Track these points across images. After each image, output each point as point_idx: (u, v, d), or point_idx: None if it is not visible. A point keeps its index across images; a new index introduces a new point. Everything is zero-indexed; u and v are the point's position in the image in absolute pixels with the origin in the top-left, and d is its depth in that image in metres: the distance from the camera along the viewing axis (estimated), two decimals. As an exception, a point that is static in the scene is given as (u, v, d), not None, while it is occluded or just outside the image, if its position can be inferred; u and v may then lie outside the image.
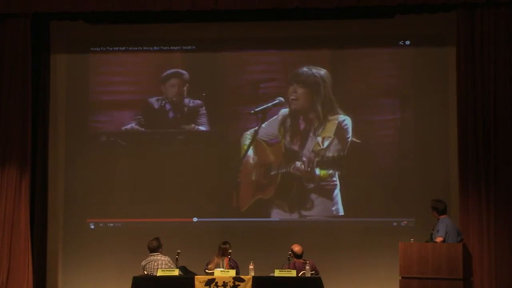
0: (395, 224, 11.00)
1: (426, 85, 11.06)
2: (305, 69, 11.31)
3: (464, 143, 10.26)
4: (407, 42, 11.17)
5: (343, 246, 10.96)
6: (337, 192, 11.11)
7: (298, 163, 11.20)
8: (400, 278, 9.17)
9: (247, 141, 11.29)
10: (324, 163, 11.14)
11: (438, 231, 9.26)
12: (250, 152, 11.28)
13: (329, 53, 11.31)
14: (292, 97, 11.31)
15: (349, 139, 11.15)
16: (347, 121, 11.18)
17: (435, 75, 11.05)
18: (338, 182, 11.12)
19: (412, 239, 9.31)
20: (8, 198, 10.67)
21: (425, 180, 10.94)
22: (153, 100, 11.39)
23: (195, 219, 11.19)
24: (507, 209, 10.08)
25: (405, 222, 10.97)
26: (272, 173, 11.24)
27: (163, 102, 11.38)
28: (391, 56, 11.20)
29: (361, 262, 10.89)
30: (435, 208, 9.43)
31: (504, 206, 10.09)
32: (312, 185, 11.15)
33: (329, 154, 11.16)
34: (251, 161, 11.29)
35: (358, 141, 11.11)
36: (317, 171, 11.15)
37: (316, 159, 11.17)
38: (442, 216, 9.40)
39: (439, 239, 9.18)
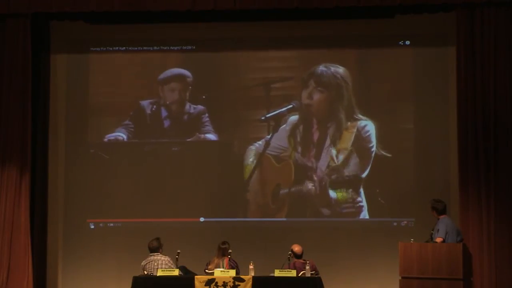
0: (395, 224, 10.98)
1: (426, 85, 11.05)
2: (323, 68, 11.11)
3: (464, 143, 10.25)
4: (407, 42, 11.15)
5: (343, 246, 10.94)
6: (364, 213, 10.89)
7: (309, 184, 10.96)
8: (400, 278, 9.18)
9: (252, 157, 10.94)
10: (339, 183, 10.86)
11: (438, 231, 9.26)
12: (257, 170, 11.00)
13: (329, 53, 11.26)
14: (307, 101, 11.00)
15: (373, 149, 10.87)
16: (369, 127, 10.88)
17: (435, 75, 11.04)
18: (364, 203, 10.89)
19: (412, 239, 9.31)
20: (8, 198, 10.66)
21: (425, 180, 10.92)
22: (145, 103, 11.32)
23: (202, 219, 11.15)
24: (507, 209, 10.07)
25: (405, 222, 10.96)
26: (280, 196, 10.97)
27: (154, 107, 11.26)
28: (391, 56, 11.19)
29: (361, 262, 10.87)
30: (434, 208, 9.44)
31: (504, 206, 10.08)
32: (328, 211, 10.96)
33: (346, 172, 10.84)
34: (257, 180, 11.01)
35: (388, 155, 10.79)
36: (331, 193, 10.93)
37: (332, 177, 10.85)
38: (442, 216, 9.40)
39: (439, 239, 9.18)
